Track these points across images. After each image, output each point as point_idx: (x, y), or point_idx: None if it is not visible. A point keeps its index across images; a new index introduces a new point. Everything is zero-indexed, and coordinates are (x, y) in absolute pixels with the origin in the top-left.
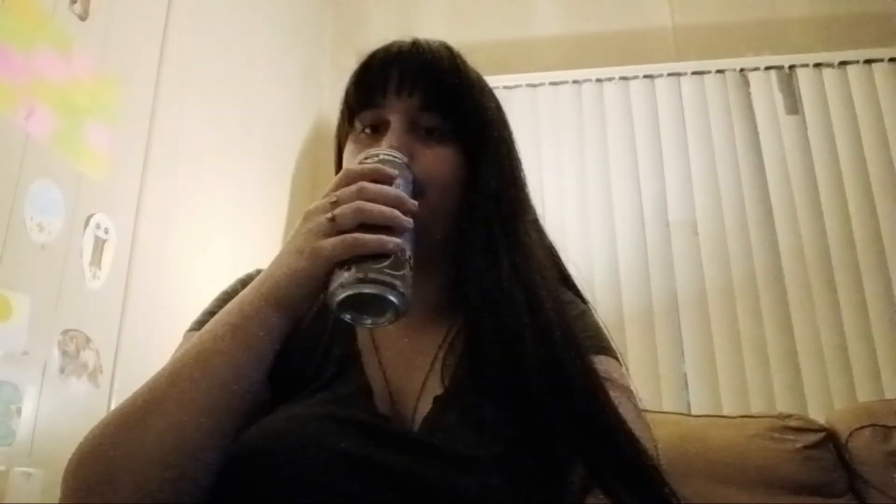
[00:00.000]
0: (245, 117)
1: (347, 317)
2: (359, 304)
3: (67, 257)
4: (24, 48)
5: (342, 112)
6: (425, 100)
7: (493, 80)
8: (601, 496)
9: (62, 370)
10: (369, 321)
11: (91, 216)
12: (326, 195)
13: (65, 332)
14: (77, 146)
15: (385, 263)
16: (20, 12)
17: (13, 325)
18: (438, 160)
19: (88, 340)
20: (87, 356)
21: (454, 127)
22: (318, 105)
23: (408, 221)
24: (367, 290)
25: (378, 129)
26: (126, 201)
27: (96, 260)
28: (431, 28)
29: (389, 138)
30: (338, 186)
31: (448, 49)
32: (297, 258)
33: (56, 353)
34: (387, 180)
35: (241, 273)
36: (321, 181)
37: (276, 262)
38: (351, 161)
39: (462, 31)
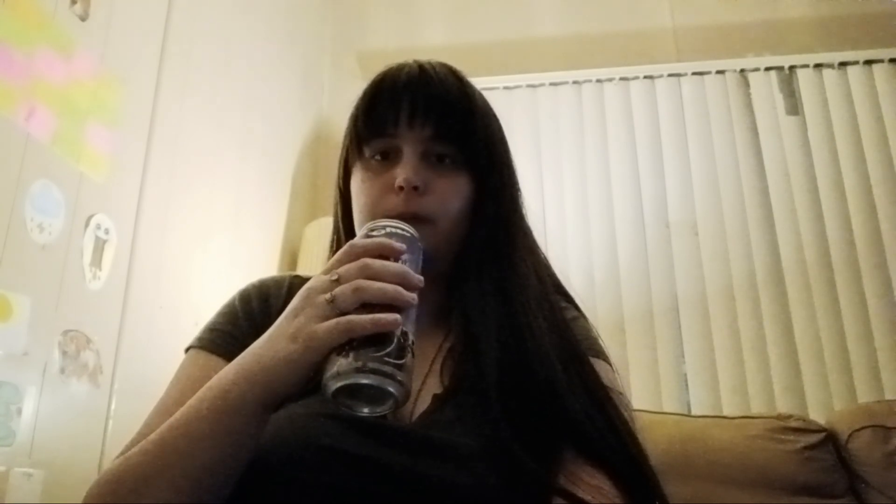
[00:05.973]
0: (245, 117)
1: (343, 406)
2: (356, 392)
3: (68, 258)
4: (25, 49)
5: (350, 138)
6: (438, 130)
7: (493, 81)
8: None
9: (62, 370)
10: (366, 410)
11: (91, 217)
12: (328, 271)
13: (65, 333)
14: (77, 147)
15: (385, 351)
16: (20, 13)
17: (13, 326)
18: (453, 190)
19: (88, 341)
20: (88, 356)
21: (464, 154)
22: (318, 105)
23: (412, 297)
24: (365, 380)
25: (388, 156)
26: (126, 202)
27: (96, 260)
28: (431, 29)
29: (405, 169)
30: (340, 262)
31: (455, 74)
32: (290, 343)
33: (56, 353)
34: (393, 255)
35: (239, 274)
36: (321, 181)
37: (267, 344)
38: (363, 188)
39: (462, 31)
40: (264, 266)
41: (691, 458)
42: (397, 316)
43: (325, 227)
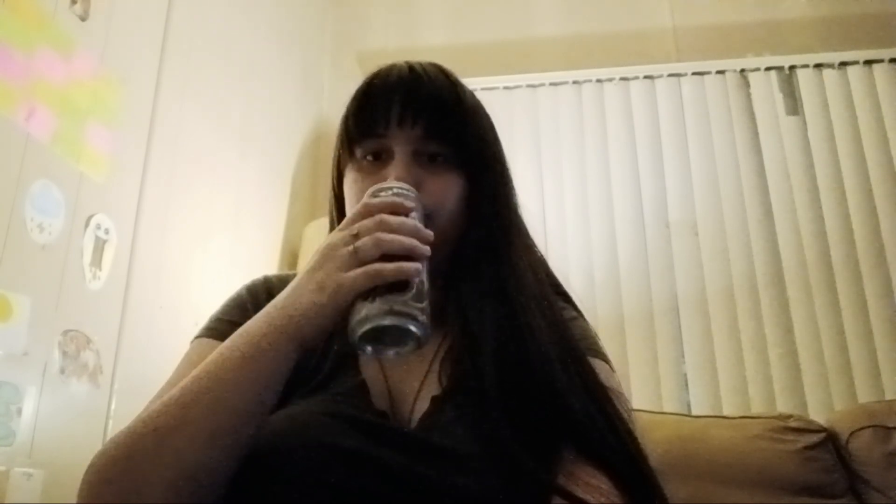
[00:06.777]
0: (245, 117)
1: (369, 349)
2: (381, 335)
3: (68, 258)
4: (25, 49)
5: (341, 139)
6: (428, 129)
7: (493, 81)
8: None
9: (62, 370)
10: (392, 352)
11: (91, 217)
12: (344, 228)
13: (65, 333)
14: (77, 147)
15: (408, 295)
16: (20, 13)
17: (13, 326)
18: (445, 188)
19: (88, 341)
20: (88, 356)
21: (456, 153)
22: (318, 105)
23: (426, 250)
24: (392, 321)
25: (380, 157)
26: (126, 202)
27: (96, 260)
28: (431, 29)
29: (396, 169)
30: (355, 220)
31: (445, 74)
32: (318, 293)
33: (56, 353)
34: (404, 212)
35: (239, 274)
36: (321, 181)
37: (293, 296)
38: (354, 189)
39: (462, 31)
40: (264, 266)
41: (691, 458)
42: (418, 264)
43: (324, 227)
